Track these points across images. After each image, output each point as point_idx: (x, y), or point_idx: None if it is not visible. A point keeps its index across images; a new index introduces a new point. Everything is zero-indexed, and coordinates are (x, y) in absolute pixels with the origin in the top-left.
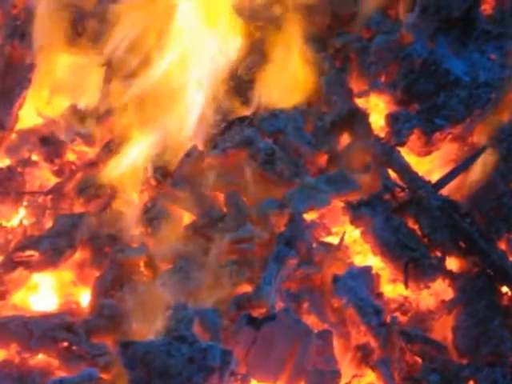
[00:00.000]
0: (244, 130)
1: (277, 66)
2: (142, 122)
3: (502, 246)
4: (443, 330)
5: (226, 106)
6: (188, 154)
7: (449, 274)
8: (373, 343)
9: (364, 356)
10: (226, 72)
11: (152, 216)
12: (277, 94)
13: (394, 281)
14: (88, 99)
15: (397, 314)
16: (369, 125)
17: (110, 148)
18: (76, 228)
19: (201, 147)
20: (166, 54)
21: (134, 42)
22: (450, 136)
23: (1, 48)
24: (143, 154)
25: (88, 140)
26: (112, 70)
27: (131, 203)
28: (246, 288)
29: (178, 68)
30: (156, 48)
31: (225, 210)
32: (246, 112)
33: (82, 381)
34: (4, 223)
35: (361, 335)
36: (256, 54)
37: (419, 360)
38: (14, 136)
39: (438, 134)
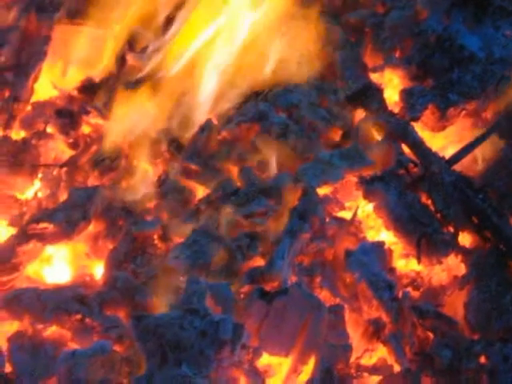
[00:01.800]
0: (258, 104)
1: (292, 40)
2: (157, 96)
3: None
4: (455, 305)
5: (241, 81)
6: (202, 128)
7: (461, 250)
8: (385, 318)
9: (376, 330)
10: (242, 47)
11: (166, 189)
12: (292, 68)
13: (406, 256)
14: (103, 72)
15: (409, 289)
16: (383, 100)
17: (126, 122)
18: (90, 201)
19: (215, 121)
20: (181, 28)
21: (149, 16)
22: (464, 112)
23: (16, 21)
24: (158, 127)
25: (103, 113)
26: (127, 43)
27: (146, 176)
28: (259, 262)
29: (194, 43)
30: (171, 22)
31: (238, 184)
32: (261, 87)
33: (95, 353)
34: (19, 195)
35: (373, 310)
36: (272, 30)
37: (431, 335)
38: (29, 108)
39: (452, 110)
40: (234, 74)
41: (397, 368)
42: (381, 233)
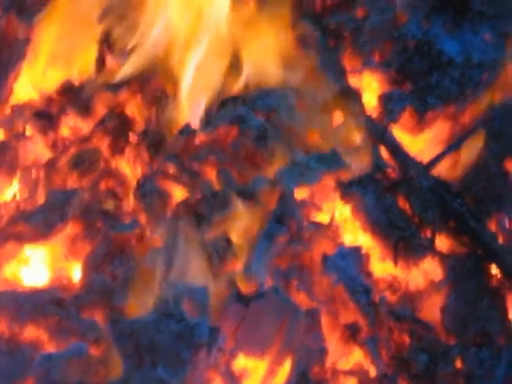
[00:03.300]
0: (237, 108)
1: (271, 44)
2: (136, 98)
3: (492, 226)
4: (432, 309)
5: (220, 84)
6: (181, 131)
7: (438, 254)
8: (361, 322)
9: (352, 334)
10: (222, 50)
11: (144, 192)
12: (270, 72)
13: (383, 260)
14: (83, 74)
15: (386, 293)
16: (361, 104)
17: (106, 124)
18: (68, 203)
19: (194, 125)
20: (162, 31)
21: (131, 18)
22: (442, 115)
23: None
24: (137, 130)
25: (82, 115)
26: (108, 45)
27: (124, 179)
28: (236, 265)
29: (174, 46)
30: (152, 25)
31: (216, 186)
32: (240, 90)
33: (71, 355)
34: None
35: (349, 314)
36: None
37: (407, 339)
38: (8, 109)
39: (430, 113)
40: (213, 76)
41: (373, 372)
42: (358, 237)
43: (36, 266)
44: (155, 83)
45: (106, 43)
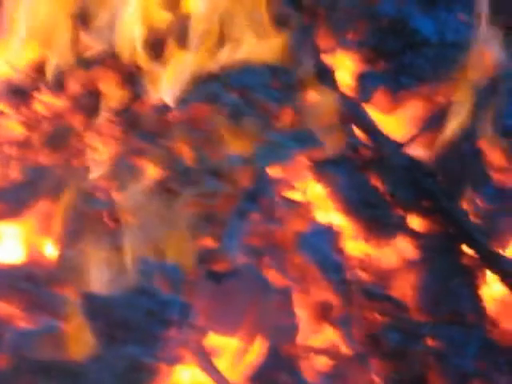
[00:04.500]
0: (210, 85)
1: (245, 21)
2: (110, 74)
3: (465, 205)
4: (404, 288)
5: (194, 62)
6: (154, 108)
7: (411, 232)
8: (333, 300)
9: (324, 312)
10: (198, 26)
11: (117, 168)
12: (244, 49)
13: (355, 238)
14: (57, 51)
15: (358, 271)
16: (335, 82)
17: (79, 101)
18: (41, 179)
19: (168, 102)
20: (135, 6)
21: None
22: (416, 95)
23: None
24: (110, 106)
25: (56, 91)
26: (82, 21)
27: (97, 155)
28: (209, 242)
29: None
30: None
31: (189, 163)
32: (214, 68)
33: (43, 332)
34: None
35: (321, 291)
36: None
37: (379, 317)
38: None
39: (403, 93)
40: (188, 53)
41: (344, 350)
42: (330, 214)
43: (8, 243)
44: (129, 60)
45: (81, 19)
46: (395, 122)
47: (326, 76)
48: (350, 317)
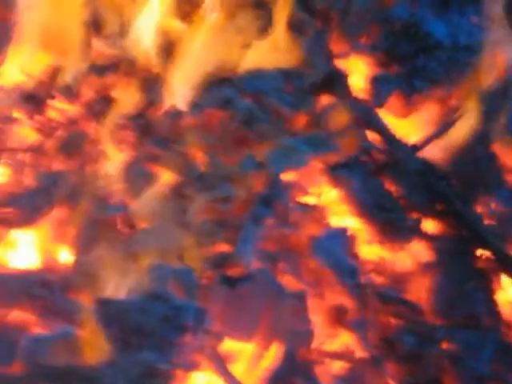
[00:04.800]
0: (224, 90)
1: (260, 26)
2: (124, 80)
3: (479, 209)
4: (419, 291)
5: (208, 67)
6: (168, 114)
7: (425, 236)
8: (348, 304)
9: (339, 316)
10: (210, 32)
11: (131, 174)
12: (257, 54)
13: (370, 242)
14: (71, 57)
15: (372, 275)
16: (348, 86)
17: (93, 107)
18: (55, 185)
19: (181, 107)
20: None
21: (118, 1)
22: (429, 98)
23: None
24: (125, 112)
25: (70, 98)
26: (95, 28)
27: (111, 161)
28: (223, 247)
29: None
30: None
31: (203, 169)
32: (228, 73)
33: (58, 338)
34: None
35: (336, 296)
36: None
37: (394, 321)
38: None
39: (417, 96)
40: (201, 59)
41: (360, 354)
42: (345, 219)
43: (23, 249)
44: (142, 66)
45: (93, 26)
46: (409, 125)
47: (339, 80)
48: (365, 321)
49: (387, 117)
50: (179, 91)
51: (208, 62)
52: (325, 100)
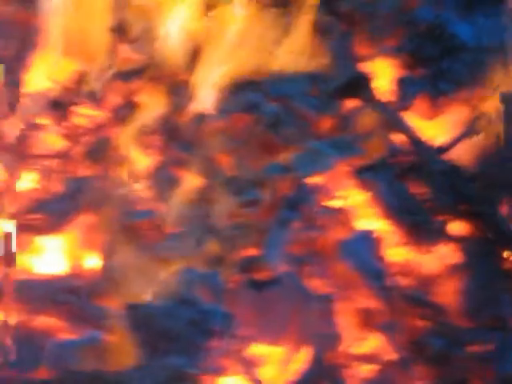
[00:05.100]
0: (249, 94)
1: (283, 29)
2: (150, 86)
3: (504, 210)
4: (445, 293)
5: (233, 71)
6: (194, 118)
7: (451, 239)
8: (376, 307)
9: (366, 319)
10: (234, 36)
11: (158, 179)
12: (283, 57)
13: (397, 245)
14: (97, 63)
15: (399, 277)
16: (373, 89)
17: (119, 112)
18: (82, 191)
19: (208, 111)
20: (174, 19)
21: (144, 7)
22: (454, 100)
23: (8, 12)
24: (152, 117)
25: (96, 104)
26: (120, 33)
27: (138, 166)
28: (250, 251)
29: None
30: (165, 13)
31: (229, 173)
32: (253, 77)
33: (86, 344)
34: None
35: (364, 299)
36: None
37: (422, 323)
38: (22, 99)
39: (442, 99)
40: (227, 63)
41: (388, 357)
42: (371, 222)
43: (51, 255)
44: (168, 70)
45: (119, 32)
46: (434, 127)
47: (364, 83)
48: (393, 323)
49: (413, 119)
50: (205, 95)
51: (233, 67)
52: (350, 103)
